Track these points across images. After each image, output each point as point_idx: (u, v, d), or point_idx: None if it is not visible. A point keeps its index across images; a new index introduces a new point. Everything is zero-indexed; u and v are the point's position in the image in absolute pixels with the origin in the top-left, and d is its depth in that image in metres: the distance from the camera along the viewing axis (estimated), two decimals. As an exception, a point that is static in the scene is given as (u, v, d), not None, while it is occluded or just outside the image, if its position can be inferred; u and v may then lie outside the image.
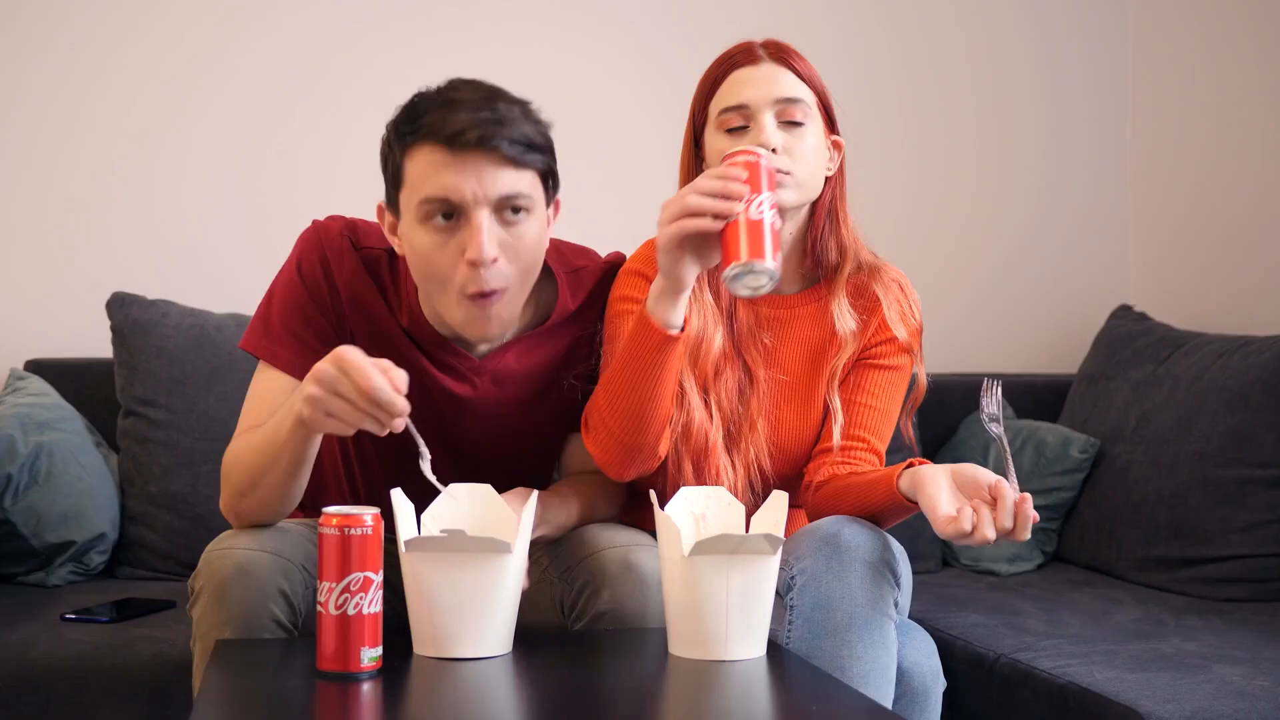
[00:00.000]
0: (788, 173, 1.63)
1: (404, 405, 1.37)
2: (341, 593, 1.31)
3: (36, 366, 2.44)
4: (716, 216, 1.45)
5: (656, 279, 1.54)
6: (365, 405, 1.36)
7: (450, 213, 1.50)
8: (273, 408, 1.56)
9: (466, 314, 1.54)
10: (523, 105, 1.54)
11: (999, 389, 1.54)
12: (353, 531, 1.31)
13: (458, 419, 1.68)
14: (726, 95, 1.66)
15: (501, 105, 1.51)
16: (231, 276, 2.59)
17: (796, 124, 1.65)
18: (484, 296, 1.52)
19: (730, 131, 1.66)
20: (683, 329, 1.56)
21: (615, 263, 1.78)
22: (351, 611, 1.31)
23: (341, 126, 2.68)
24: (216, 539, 1.54)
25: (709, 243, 1.49)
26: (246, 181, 2.66)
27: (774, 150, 1.61)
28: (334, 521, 1.31)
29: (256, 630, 1.46)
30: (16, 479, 2.16)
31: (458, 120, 1.47)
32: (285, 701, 1.32)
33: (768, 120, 1.64)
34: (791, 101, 1.65)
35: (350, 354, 1.37)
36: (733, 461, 1.70)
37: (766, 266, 1.44)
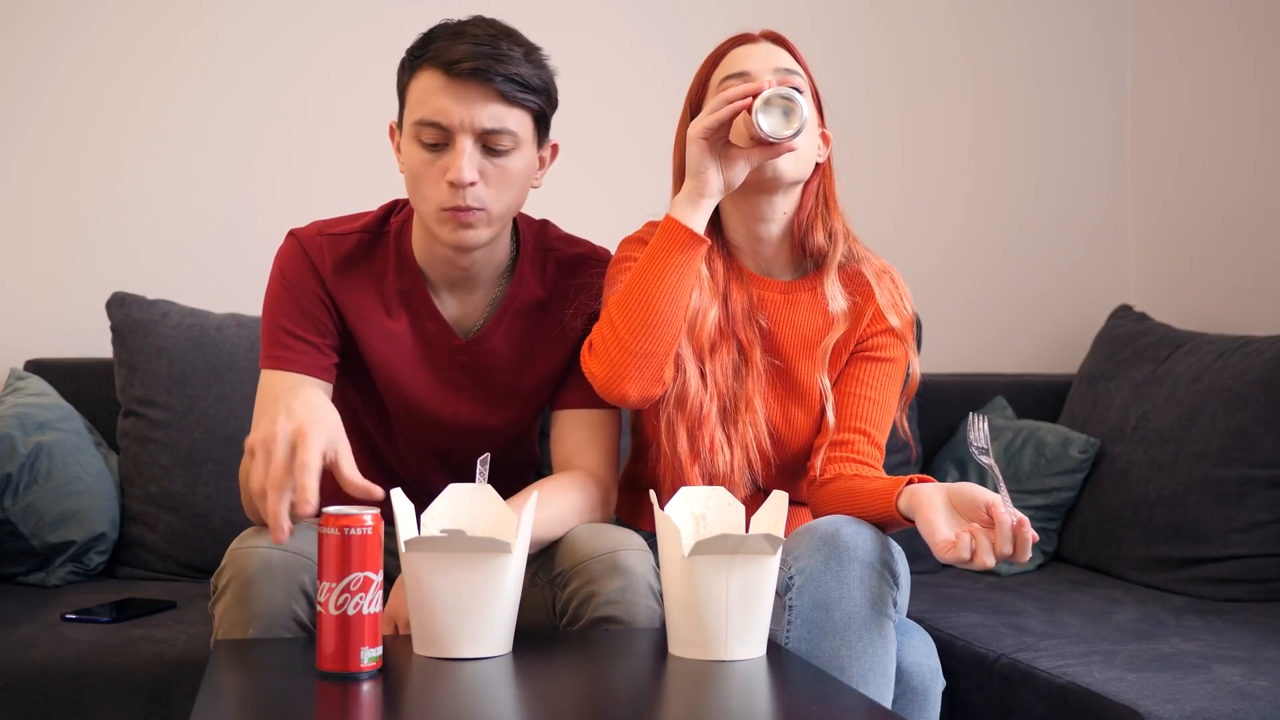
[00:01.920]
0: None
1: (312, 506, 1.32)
2: (341, 593, 1.31)
3: (36, 366, 2.44)
4: (745, 96, 1.58)
5: (684, 185, 1.63)
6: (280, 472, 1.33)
7: (438, 138, 1.60)
8: None
9: (442, 225, 1.63)
10: (528, 48, 1.64)
11: (985, 422, 1.55)
12: (352, 532, 1.31)
13: (436, 397, 1.75)
14: (728, 66, 1.72)
15: (505, 44, 1.61)
16: (231, 276, 2.59)
17: (797, 90, 1.68)
18: (460, 211, 1.61)
19: None
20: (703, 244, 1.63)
21: (590, 255, 1.81)
22: (351, 611, 1.31)
23: (343, 128, 2.69)
24: (240, 536, 1.56)
25: (734, 154, 1.61)
26: (247, 182, 2.66)
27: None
28: (334, 522, 1.31)
29: (278, 628, 1.48)
30: (16, 479, 2.16)
31: (459, 50, 1.58)
32: (286, 701, 1.32)
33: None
34: (791, 72, 1.70)
35: (309, 439, 1.34)
36: (728, 438, 1.70)
37: (795, 93, 1.57)
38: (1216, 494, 2.28)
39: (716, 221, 1.75)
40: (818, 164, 1.74)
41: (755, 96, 1.58)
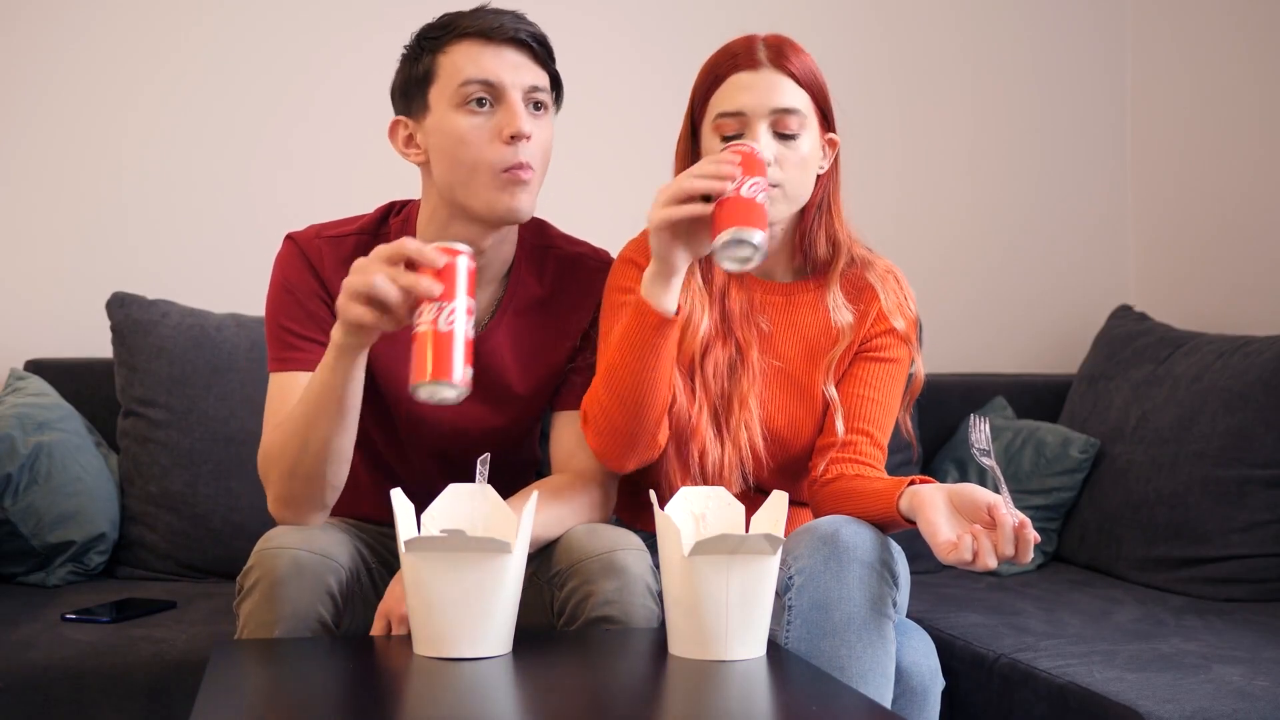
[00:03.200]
0: (778, 185, 1.64)
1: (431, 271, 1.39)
2: (449, 312, 1.35)
3: (36, 366, 2.44)
4: (708, 198, 1.49)
5: (650, 264, 1.58)
6: (393, 270, 1.40)
7: (484, 99, 1.64)
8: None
9: (499, 190, 1.64)
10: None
11: (986, 424, 1.55)
12: (459, 260, 1.37)
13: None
14: (724, 99, 1.67)
15: (524, 16, 1.70)
16: (231, 276, 2.59)
17: (791, 136, 1.65)
18: (519, 168, 1.63)
19: (725, 138, 1.66)
20: (678, 313, 1.59)
21: (590, 255, 1.81)
22: (450, 328, 1.35)
23: (343, 128, 2.69)
24: (267, 536, 1.56)
25: (699, 230, 1.53)
26: (247, 182, 2.66)
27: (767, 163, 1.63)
28: (443, 249, 1.37)
29: (303, 630, 1.49)
30: (16, 479, 2.16)
31: (491, 19, 1.65)
32: (286, 702, 1.32)
33: (762, 131, 1.64)
34: (788, 112, 1.65)
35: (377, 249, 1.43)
36: (720, 438, 1.70)
37: (755, 235, 1.47)
38: (1216, 494, 2.28)
39: None
40: (819, 175, 1.72)
41: (716, 201, 1.49)
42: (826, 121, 1.71)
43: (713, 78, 1.69)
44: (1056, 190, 3.05)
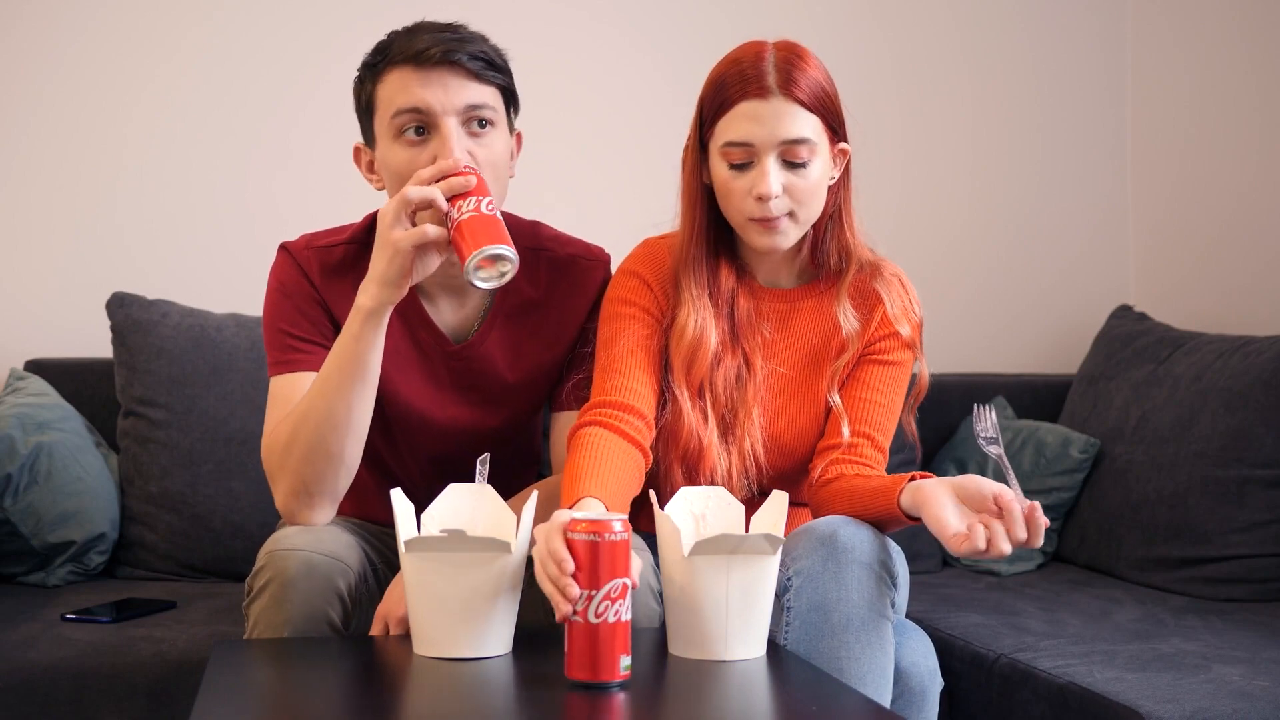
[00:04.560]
0: (789, 213, 1.64)
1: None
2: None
3: (36, 366, 2.44)
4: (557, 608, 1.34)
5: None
6: (432, 175, 1.52)
7: (421, 126, 1.61)
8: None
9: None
10: (482, 34, 1.67)
11: (991, 412, 1.54)
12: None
13: (433, 403, 1.74)
14: (733, 127, 1.63)
15: (462, 30, 1.66)
16: (231, 277, 2.59)
17: (800, 164, 1.63)
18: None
19: (734, 166, 1.64)
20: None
21: (583, 255, 1.80)
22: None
23: (341, 129, 2.67)
24: (276, 538, 1.56)
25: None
26: (247, 182, 2.66)
27: (774, 196, 1.62)
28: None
29: (313, 631, 1.49)
30: (16, 479, 2.16)
31: (423, 41, 1.61)
32: (286, 702, 1.32)
33: (771, 164, 1.62)
34: (797, 143, 1.62)
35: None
36: (726, 449, 1.69)
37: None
38: (1216, 494, 2.28)
39: (729, 237, 1.74)
40: (830, 187, 1.70)
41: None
42: (837, 134, 1.68)
43: (721, 99, 1.64)
44: (1056, 190, 3.05)
